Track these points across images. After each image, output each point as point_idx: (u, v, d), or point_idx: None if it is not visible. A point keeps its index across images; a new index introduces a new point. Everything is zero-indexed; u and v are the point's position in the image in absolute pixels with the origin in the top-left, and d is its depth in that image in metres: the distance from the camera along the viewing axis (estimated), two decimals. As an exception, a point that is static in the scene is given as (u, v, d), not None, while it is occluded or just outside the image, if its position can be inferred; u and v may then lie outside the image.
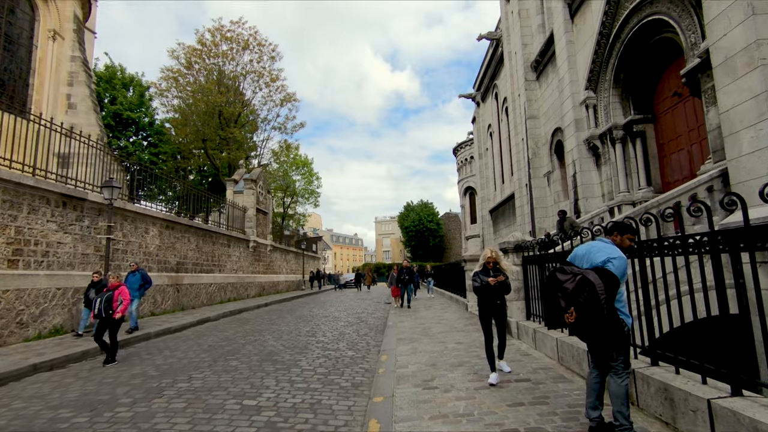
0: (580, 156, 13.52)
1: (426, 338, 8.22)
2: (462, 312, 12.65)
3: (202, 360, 7.22)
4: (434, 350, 6.98)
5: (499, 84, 25.06)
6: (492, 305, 5.08)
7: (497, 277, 4.99)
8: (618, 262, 3.01)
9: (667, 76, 11.15)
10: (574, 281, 2.94)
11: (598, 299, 2.81)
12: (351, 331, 10.51)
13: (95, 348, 8.26)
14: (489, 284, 4.98)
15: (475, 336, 8.14)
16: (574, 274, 3.00)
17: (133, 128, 30.22)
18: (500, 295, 5.11)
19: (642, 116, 11.80)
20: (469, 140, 41.13)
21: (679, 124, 10.71)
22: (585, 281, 2.88)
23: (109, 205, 10.81)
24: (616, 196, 12.27)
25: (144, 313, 12.83)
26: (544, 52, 17.16)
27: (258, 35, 29.73)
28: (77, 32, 16.63)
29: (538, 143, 18.26)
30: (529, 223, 18.78)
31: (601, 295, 2.81)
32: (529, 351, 6.50)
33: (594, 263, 3.08)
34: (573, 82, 13.91)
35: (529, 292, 7.52)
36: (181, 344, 8.96)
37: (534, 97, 18.55)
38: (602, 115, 12.80)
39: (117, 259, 11.88)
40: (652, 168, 11.72)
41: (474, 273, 5.18)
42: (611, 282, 2.89)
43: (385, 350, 7.37)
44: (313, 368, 6.54)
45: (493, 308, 5.09)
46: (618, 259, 3.02)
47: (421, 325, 10.27)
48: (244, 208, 22.77)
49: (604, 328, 2.91)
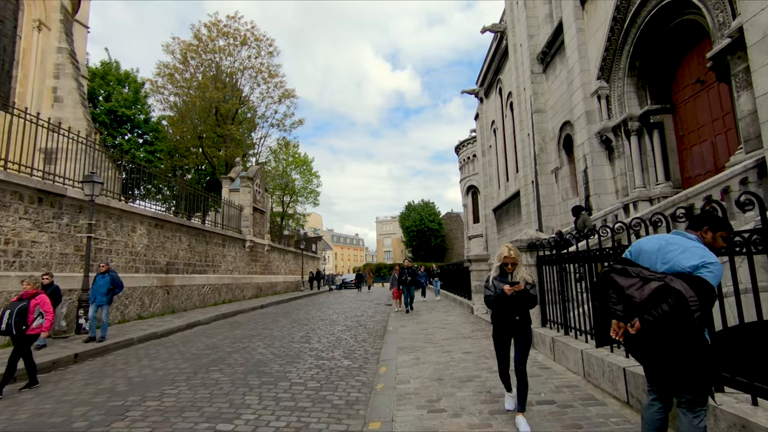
0: (591, 150, 12.77)
1: (429, 346, 7.48)
2: (467, 315, 11.90)
3: (181, 371, 6.50)
4: (439, 361, 6.25)
5: (504, 79, 24.31)
6: (509, 323, 3.78)
7: (516, 284, 3.66)
8: (716, 269, 2.25)
9: (688, 63, 10.40)
10: (647, 288, 2.19)
11: (688, 316, 2.07)
12: (348, 336, 9.78)
13: (68, 357, 7.58)
14: (504, 294, 3.67)
15: (485, 344, 7.40)
16: (644, 279, 2.25)
17: (128, 126, 29.55)
18: (521, 310, 3.74)
19: (660, 106, 11.05)
20: (472, 138, 40.40)
21: (702, 113, 9.96)
22: (668, 290, 2.13)
23: (90, 201, 10.09)
24: (631, 192, 11.51)
25: (130, 316, 12.13)
26: (552, 42, 16.41)
27: (255, 30, 29.06)
28: (64, 23, 15.94)
29: (545, 138, 17.50)
30: (536, 221, 18.03)
31: (694, 311, 2.07)
32: (547, 363, 5.76)
33: (677, 267, 2.30)
34: (584, 71, 13.16)
35: (545, 295, 6.78)
36: (163, 352, 8.25)
37: (540, 90, 17.79)
38: (616, 106, 12.05)
39: (100, 260, 11.13)
40: (670, 161, 10.96)
41: (487, 278, 3.99)
42: (707, 295, 2.14)
43: (384, 360, 6.64)
44: (304, 381, 5.81)
45: (511, 327, 3.78)
46: (715, 266, 2.26)
47: (423, 330, 9.53)
48: (240, 206, 22.06)
49: (688, 351, 2.18)
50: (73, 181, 10.59)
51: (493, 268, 3.94)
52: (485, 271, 11.93)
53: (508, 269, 3.82)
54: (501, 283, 3.78)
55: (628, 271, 2.34)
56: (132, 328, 10.64)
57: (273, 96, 30.72)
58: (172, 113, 29.09)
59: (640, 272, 2.31)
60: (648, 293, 2.17)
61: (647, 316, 2.17)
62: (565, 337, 5.69)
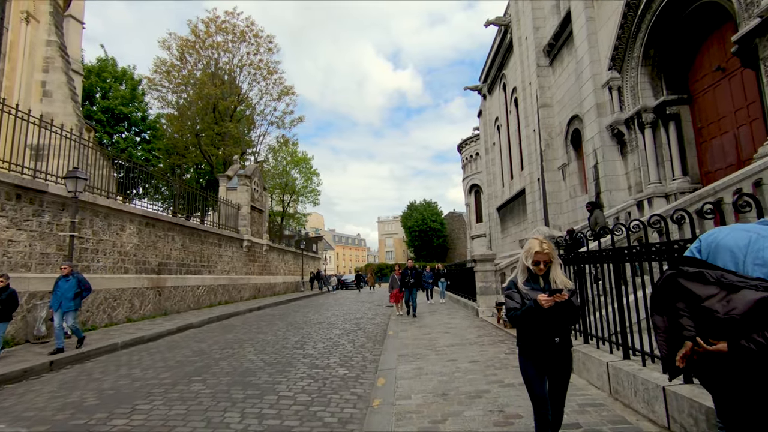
0: (602, 144, 12.15)
1: (432, 354, 6.88)
2: (472, 319, 11.29)
3: (160, 382, 5.93)
4: (443, 372, 5.65)
5: (508, 74, 23.69)
6: (545, 347, 2.73)
7: (557, 293, 2.58)
8: None
9: (707, 49, 9.77)
10: (740, 301, 1.58)
11: None
12: (346, 341, 9.20)
13: (42, 365, 7.01)
14: (540, 307, 2.59)
15: (492, 352, 6.79)
16: (730, 287, 1.64)
17: (125, 124, 29.08)
18: (562, 328, 2.76)
19: (676, 96, 10.42)
20: (475, 136, 39.76)
21: (723, 103, 9.33)
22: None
23: (73, 198, 9.54)
24: (645, 188, 10.89)
25: (119, 319, 11.58)
26: (559, 34, 15.79)
27: (254, 26, 28.52)
28: (54, 15, 15.42)
29: (551, 134, 16.88)
30: (542, 220, 17.41)
31: None
32: (564, 374, 5.15)
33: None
34: (594, 62, 12.54)
35: (558, 298, 6.18)
36: (146, 358, 7.68)
37: (547, 84, 17.17)
38: (629, 97, 11.43)
39: (85, 260, 10.62)
40: (688, 155, 10.34)
41: (509, 284, 2.94)
42: None
43: (383, 370, 6.04)
44: (294, 395, 5.23)
45: (549, 353, 2.74)
46: None
47: (426, 335, 8.93)
48: (237, 205, 21.51)
49: None
50: (57, 177, 10.05)
51: (518, 270, 2.88)
52: (491, 272, 11.33)
53: (539, 270, 2.75)
54: (533, 291, 2.72)
55: (705, 276, 1.73)
56: (118, 332, 10.09)
57: (272, 93, 30.20)
58: (171, 111, 28.61)
59: (722, 277, 1.70)
60: (744, 308, 1.56)
61: (745, 341, 1.57)
62: (585, 346, 5.09)
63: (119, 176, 17.02)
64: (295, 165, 38.03)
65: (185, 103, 27.81)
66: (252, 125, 30.54)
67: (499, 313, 9.42)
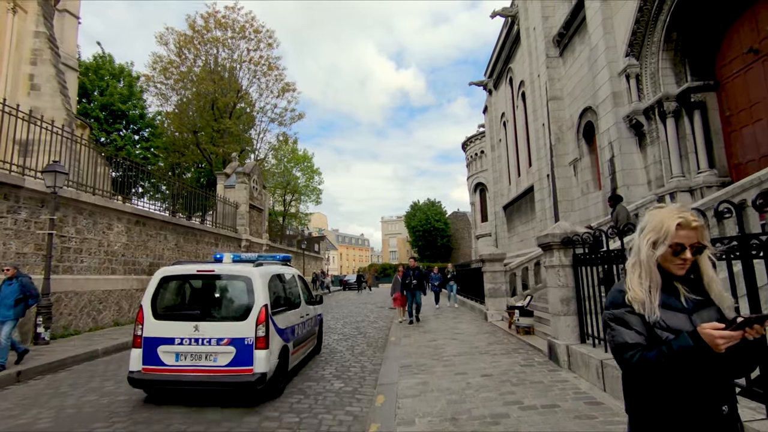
0: (619, 136, 11.36)
1: (439, 365, 6.15)
2: (480, 323, 10.53)
3: (130, 398, 5.23)
4: (452, 388, 4.92)
5: (515, 67, 22.90)
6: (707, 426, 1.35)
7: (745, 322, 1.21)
8: None
9: (737, 31, 8.98)
10: None
11: None
12: (344, 347, 8.49)
13: (8, 375, 6.34)
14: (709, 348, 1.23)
15: (506, 364, 6.04)
16: None
17: (122, 122, 28.52)
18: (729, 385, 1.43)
19: (702, 83, 9.62)
20: (480, 133, 39.00)
21: (756, 88, 8.54)
22: None
23: (52, 194, 8.90)
24: (667, 182, 10.10)
25: (105, 323, 10.94)
26: (570, 22, 15.00)
27: (254, 21, 27.88)
28: (43, 6, 14.82)
29: (561, 127, 16.09)
30: (552, 218, 16.62)
31: None
32: (596, 394, 4.40)
33: None
34: (609, 48, 11.75)
35: (581, 303, 5.44)
36: (124, 368, 6.99)
37: (557, 75, 16.38)
38: (648, 85, 10.64)
39: (68, 260, 9.98)
40: (715, 146, 9.54)
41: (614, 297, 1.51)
42: None
43: (383, 385, 5.33)
44: (279, 414, 4.55)
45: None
46: None
47: (431, 342, 8.20)
48: (235, 203, 20.86)
49: None
50: (36, 172, 9.42)
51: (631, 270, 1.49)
52: (500, 272, 10.58)
53: (681, 266, 1.43)
54: (673, 313, 1.41)
55: None
56: (101, 338, 9.44)
57: (272, 90, 29.53)
58: (170, 108, 28.04)
59: None
60: None
61: None
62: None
63: (117, 175, 16.47)
64: (296, 163, 37.38)
65: (185, 101, 27.22)
66: (252, 122, 29.89)
67: (511, 317, 8.67)
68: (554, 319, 5.77)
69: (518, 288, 11.11)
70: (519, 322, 7.94)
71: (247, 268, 5.44)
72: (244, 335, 4.82)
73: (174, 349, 4.85)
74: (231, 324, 4.96)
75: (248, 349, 4.77)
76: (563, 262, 5.55)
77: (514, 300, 9.74)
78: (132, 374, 4.85)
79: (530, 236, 20.36)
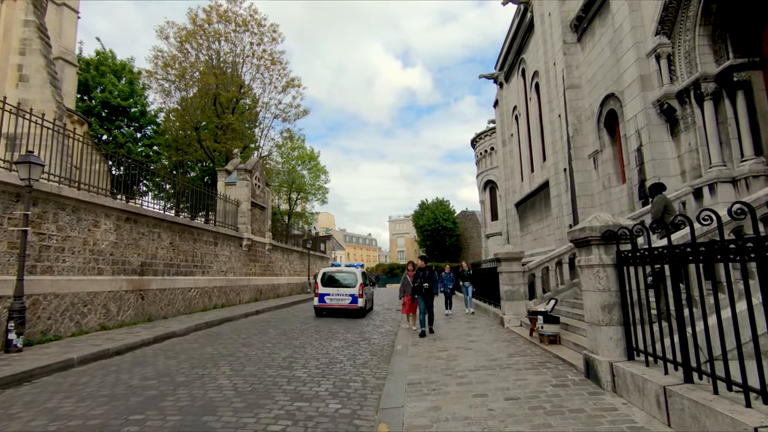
0: (648, 123, 10.32)
1: (453, 382, 5.21)
2: (497, 329, 9.55)
3: (85, 423, 4.39)
4: (470, 417, 3.99)
5: (527, 58, 21.85)
6: None
7: None
8: None
9: (789, -1, 7.93)
10: None
11: None
12: (345, 356, 7.60)
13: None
14: None
15: (534, 382, 5.09)
16: None
17: (124, 119, 27.96)
18: None
19: (746, 60, 8.58)
20: (490, 130, 37.92)
21: (814, 62, 7.49)
22: None
23: (27, 187, 8.13)
24: (705, 172, 9.06)
25: (90, 327, 10.18)
26: (590, 4, 13.97)
27: (257, 14, 27.13)
28: (33, -6, 14.15)
29: (580, 118, 15.06)
30: (570, 214, 15.59)
31: None
32: (655, 428, 3.45)
33: None
34: (636, 28, 10.72)
35: (627, 311, 4.48)
36: (95, 381, 6.19)
37: (575, 62, 15.35)
38: (682, 65, 9.61)
39: (47, 259, 9.22)
40: (762, 131, 8.50)
41: None
42: None
43: (386, 409, 4.42)
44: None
45: None
46: None
47: (442, 351, 7.26)
48: (237, 201, 20.09)
49: None
50: (10, 164, 8.67)
51: None
52: (518, 273, 9.61)
53: None
54: None
55: None
56: (82, 344, 8.65)
57: (276, 85, 28.76)
58: (172, 105, 27.42)
59: None
60: None
61: None
62: (693, 388, 3.36)
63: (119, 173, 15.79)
64: (302, 162, 36.60)
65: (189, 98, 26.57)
66: (255, 118, 29.15)
67: (533, 324, 7.70)
68: (592, 329, 4.81)
69: (537, 290, 10.14)
70: (543, 330, 6.98)
71: (353, 269, 15.39)
72: (354, 293, 14.12)
73: (330, 296, 14.26)
74: (349, 289, 14.25)
75: (356, 298, 14.04)
76: (604, 261, 4.59)
77: (534, 304, 8.76)
78: (315, 307, 14.42)
79: (545, 234, 19.31)
